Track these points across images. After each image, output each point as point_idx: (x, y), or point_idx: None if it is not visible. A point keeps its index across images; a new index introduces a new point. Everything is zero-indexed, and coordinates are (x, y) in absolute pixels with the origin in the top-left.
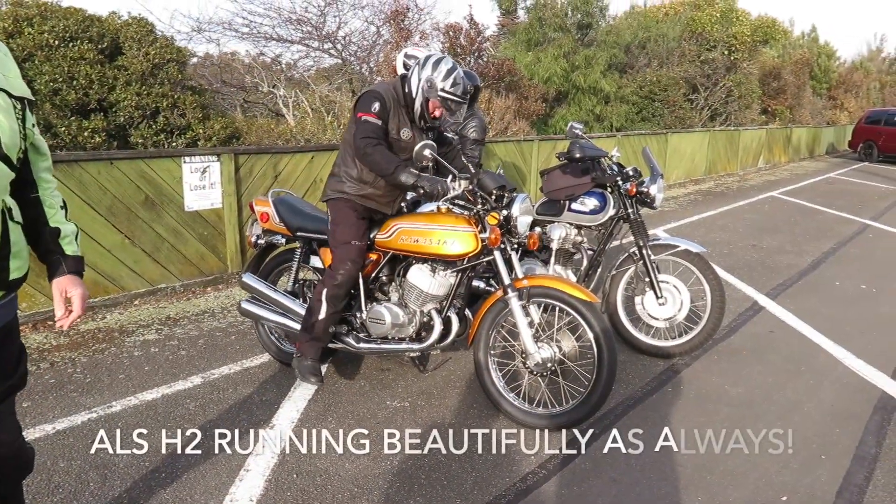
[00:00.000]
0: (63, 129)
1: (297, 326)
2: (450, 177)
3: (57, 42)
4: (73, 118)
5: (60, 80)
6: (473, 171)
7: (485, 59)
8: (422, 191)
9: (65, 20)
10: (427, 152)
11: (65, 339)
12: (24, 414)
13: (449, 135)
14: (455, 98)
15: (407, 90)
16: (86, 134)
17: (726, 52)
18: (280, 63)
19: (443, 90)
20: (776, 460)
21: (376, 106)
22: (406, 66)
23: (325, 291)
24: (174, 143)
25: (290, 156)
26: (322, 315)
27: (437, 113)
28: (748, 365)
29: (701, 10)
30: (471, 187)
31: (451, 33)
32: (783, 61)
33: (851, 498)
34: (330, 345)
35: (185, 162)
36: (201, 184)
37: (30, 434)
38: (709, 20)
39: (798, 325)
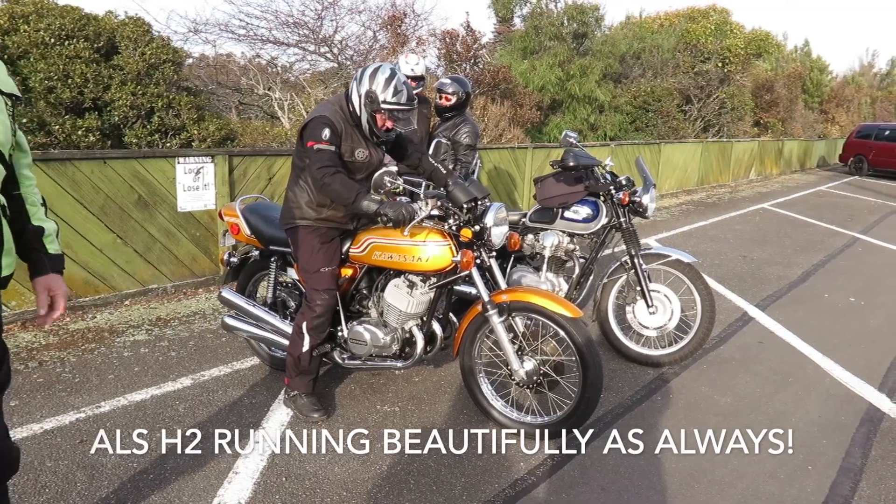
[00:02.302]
0: (57, 127)
1: (281, 340)
2: (421, 189)
3: (53, 40)
4: (67, 117)
5: (55, 78)
6: (446, 178)
7: (481, 66)
8: (385, 219)
9: (61, 18)
10: (387, 180)
11: (54, 339)
12: (12, 413)
13: (443, 140)
14: (400, 107)
15: (352, 108)
16: (80, 133)
17: (720, 65)
18: (276, 66)
19: (385, 102)
20: (763, 470)
21: (326, 133)
22: None
23: (304, 324)
24: (168, 144)
25: (285, 158)
26: (306, 347)
27: (387, 125)
28: (737, 375)
29: (696, 22)
30: (439, 203)
31: (447, 40)
32: (776, 74)
33: None
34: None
35: (179, 162)
36: (195, 185)
37: (17, 433)
38: (703, 32)
39: (787, 337)
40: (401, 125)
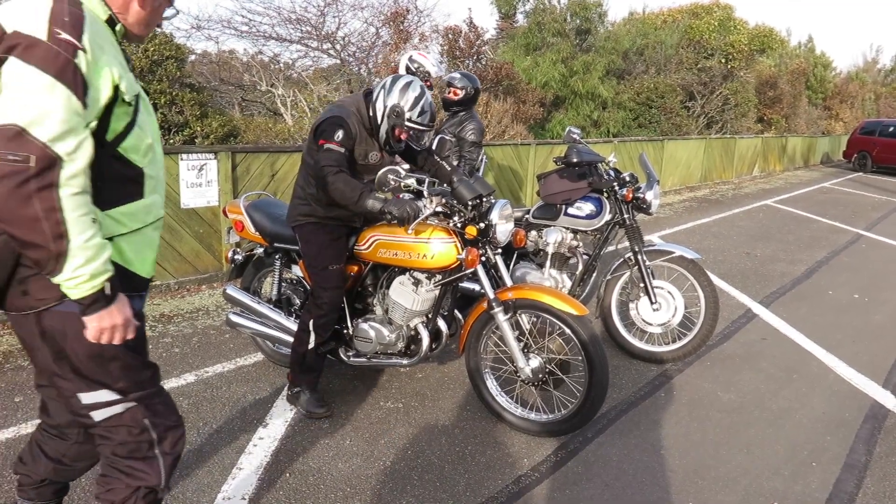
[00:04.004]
0: None
1: (285, 337)
2: (425, 186)
3: None
4: None
5: None
6: (450, 175)
7: (483, 63)
8: (390, 217)
9: None
10: (391, 178)
11: None
12: (16, 409)
13: (448, 137)
14: (423, 128)
15: (372, 114)
16: None
17: (723, 61)
18: (279, 62)
19: (409, 120)
20: (767, 466)
21: (340, 135)
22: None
23: (311, 321)
24: (171, 140)
25: (288, 155)
26: (311, 344)
27: (402, 137)
28: (740, 371)
29: (699, 18)
30: (444, 200)
31: (450, 36)
32: (780, 70)
33: None
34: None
35: (182, 159)
36: (198, 181)
37: (22, 429)
38: (707, 28)
39: (790, 333)
40: (414, 141)
